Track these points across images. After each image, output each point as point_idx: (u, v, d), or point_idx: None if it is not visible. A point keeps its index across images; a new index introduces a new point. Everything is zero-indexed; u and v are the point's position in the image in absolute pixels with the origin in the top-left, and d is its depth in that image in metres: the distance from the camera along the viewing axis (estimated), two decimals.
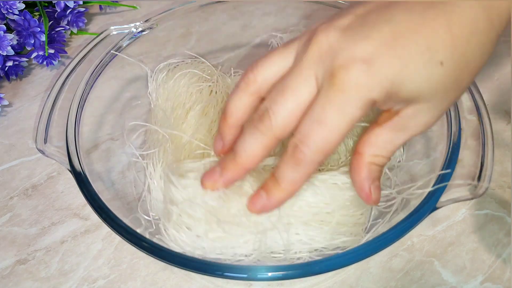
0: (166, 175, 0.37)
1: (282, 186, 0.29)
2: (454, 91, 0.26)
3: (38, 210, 0.45)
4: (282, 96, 0.26)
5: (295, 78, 0.26)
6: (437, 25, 0.24)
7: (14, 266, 0.41)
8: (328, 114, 0.25)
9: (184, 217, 0.35)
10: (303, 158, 0.26)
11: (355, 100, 0.24)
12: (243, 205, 0.33)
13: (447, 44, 0.24)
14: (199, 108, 0.45)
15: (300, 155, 0.26)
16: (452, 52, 0.24)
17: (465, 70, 0.25)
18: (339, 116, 0.25)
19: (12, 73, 0.54)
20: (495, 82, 0.53)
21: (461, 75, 0.25)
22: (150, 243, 0.34)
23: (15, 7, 0.51)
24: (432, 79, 0.24)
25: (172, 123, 0.43)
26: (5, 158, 0.49)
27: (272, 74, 0.28)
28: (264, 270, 0.32)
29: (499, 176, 0.45)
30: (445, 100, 0.26)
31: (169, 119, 0.44)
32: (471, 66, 0.25)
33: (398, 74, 0.24)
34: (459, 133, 0.39)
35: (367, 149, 0.29)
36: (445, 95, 0.25)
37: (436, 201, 0.35)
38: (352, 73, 0.24)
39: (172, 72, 0.48)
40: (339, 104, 0.24)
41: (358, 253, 0.33)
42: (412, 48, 0.24)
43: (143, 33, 0.50)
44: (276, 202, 0.30)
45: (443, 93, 0.25)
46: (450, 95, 0.26)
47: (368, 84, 0.24)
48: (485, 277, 0.39)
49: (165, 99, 0.46)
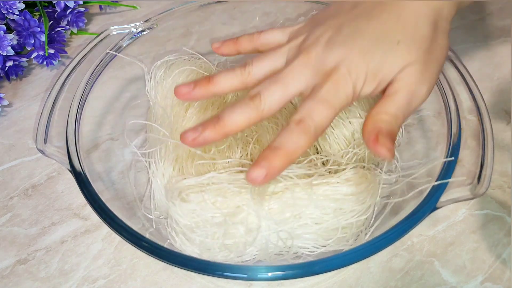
0: (169, 197, 0.38)
1: (283, 151, 0.31)
2: (416, 54, 0.33)
3: (38, 210, 0.45)
4: (275, 86, 0.33)
5: (286, 74, 0.33)
6: (390, 22, 0.33)
7: (14, 266, 0.41)
8: (328, 96, 0.32)
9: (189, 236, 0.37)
10: (308, 129, 0.31)
11: (345, 90, 0.32)
12: (247, 227, 0.36)
13: (399, 30, 0.33)
14: (198, 104, 0.45)
15: (305, 126, 0.31)
16: (404, 33, 0.33)
17: (418, 41, 0.33)
18: (335, 99, 0.32)
19: (12, 73, 0.54)
20: (495, 82, 0.53)
21: (415, 44, 0.33)
22: (150, 243, 0.34)
23: (15, 7, 0.51)
24: (396, 54, 0.33)
25: (172, 120, 0.44)
26: (5, 158, 0.49)
27: (263, 72, 0.36)
28: (264, 270, 0.32)
29: (499, 176, 0.45)
30: (417, 62, 0.33)
31: (168, 116, 0.44)
32: (421, 38, 0.33)
33: (371, 63, 0.33)
34: (459, 133, 0.39)
35: (371, 112, 0.33)
36: (411, 59, 0.33)
37: (436, 201, 0.35)
38: (340, 72, 0.32)
39: (169, 69, 0.48)
40: (335, 91, 0.32)
41: (358, 253, 0.33)
42: (376, 42, 0.33)
43: (143, 33, 0.50)
44: (277, 169, 0.31)
45: (410, 59, 0.33)
46: (414, 57, 0.33)
47: (350, 78, 0.32)
48: (485, 277, 0.39)
49: (164, 96, 0.46)
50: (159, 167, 0.41)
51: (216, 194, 0.37)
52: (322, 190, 0.37)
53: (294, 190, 0.37)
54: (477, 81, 0.42)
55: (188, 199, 0.37)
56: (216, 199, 0.37)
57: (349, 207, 0.37)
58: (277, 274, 0.32)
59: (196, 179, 0.38)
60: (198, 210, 0.36)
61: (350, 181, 0.38)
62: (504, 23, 0.60)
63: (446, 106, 0.41)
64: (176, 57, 0.49)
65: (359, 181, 0.38)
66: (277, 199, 0.37)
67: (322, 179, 0.38)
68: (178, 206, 0.37)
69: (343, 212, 0.37)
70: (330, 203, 0.37)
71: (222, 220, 0.36)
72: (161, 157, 0.42)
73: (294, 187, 0.37)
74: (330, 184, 0.38)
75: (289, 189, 0.37)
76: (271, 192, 0.37)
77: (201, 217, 0.36)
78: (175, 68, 0.47)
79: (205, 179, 0.38)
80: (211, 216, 0.36)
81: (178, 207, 0.37)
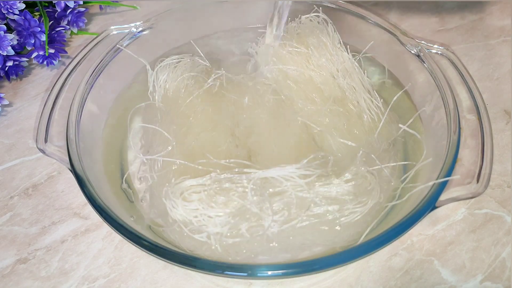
0: (171, 196, 0.38)
1: None
2: None
3: (38, 209, 0.45)
4: None
5: None
6: None
7: (14, 265, 0.41)
8: None
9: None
10: None
11: None
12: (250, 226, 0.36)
13: None
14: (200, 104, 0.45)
15: None
16: None
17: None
18: None
19: (12, 73, 0.54)
20: (495, 82, 0.53)
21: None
22: (150, 241, 0.34)
23: (16, 7, 0.51)
24: None
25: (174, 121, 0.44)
26: (6, 158, 0.49)
27: None
28: (264, 269, 0.32)
29: (499, 175, 0.45)
30: None
31: (171, 117, 0.44)
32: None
33: None
34: (459, 132, 0.39)
35: None
36: None
37: (436, 200, 0.35)
38: None
39: (172, 71, 0.48)
40: None
41: (357, 251, 0.33)
42: None
43: (143, 33, 0.50)
44: None
45: None
46: None
47: None
48: (484, 276, 0.39)
49: (166, 98, 0.46)
50: (161, 167, 0.41)
51: (217, 193, 0.37)
52: (323, 190, 0.37)
53: (295, 189, 0.37)
54: (477, 81, 0.42)
55: (189, 198, 0.37)
56: (217, 198, 0.37)
57: (349, 207, 0.37)
58: (277, 273, 0.32)
59: (198, 179, 0.38)
60: (200, 209, 0.36)
61: (350, 181, 0.38)
62: (504, 23, 0.60)
63: (446, 105, 0.41)
64: (179, 60, 0.49)
65: (359, 181, 0.38)
66: (278, 199, 0.37)
67: (323, 179, 0.38)
68: (180, 205, 0.37)
69: (344, 211, 0.37)
70: (330, 203, 0.37)
71: (223, 219, 0.36)
72: (163, 159, 0.42)
73: (296, 187, 0.37)
74: (331, 184, 0.38)
75: (290, 189, 0.37)
76: (272, 191, 0.37)
77: (202, 216, 0.36)
78: (177, 70, 0.48)
79: (206, 179, 0.38)
80: (213, 215, 0.36)
81: (179, 206, 0.37)
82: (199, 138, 0.43)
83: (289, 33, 0.50)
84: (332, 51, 0.48)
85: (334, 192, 0.38)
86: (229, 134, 0.44)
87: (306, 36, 0.49)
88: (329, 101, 0.45)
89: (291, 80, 0.48)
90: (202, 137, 0.43)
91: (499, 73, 0.54)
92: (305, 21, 0.50)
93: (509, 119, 0.50)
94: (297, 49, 0.49)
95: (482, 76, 0.54)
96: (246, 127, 0.45)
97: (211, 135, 0.43)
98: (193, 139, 0.43)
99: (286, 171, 0.37)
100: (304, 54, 0.48)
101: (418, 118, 0.45)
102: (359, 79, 0.47)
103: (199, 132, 0.43)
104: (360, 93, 0.46)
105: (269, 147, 0.43)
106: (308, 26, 0.50)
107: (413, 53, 0.47)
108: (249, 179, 0.37)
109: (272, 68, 0.49)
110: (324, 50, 0.48)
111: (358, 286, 0.39)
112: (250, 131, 0.45)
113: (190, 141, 0.43)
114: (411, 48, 0.47)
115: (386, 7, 0.63)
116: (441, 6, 0.63)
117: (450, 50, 0.48)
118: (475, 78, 0.42)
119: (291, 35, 0.50)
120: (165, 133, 0.42)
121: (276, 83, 0.48)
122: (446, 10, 0.62)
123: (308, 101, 0.46)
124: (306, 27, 0.50)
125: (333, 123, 0.45)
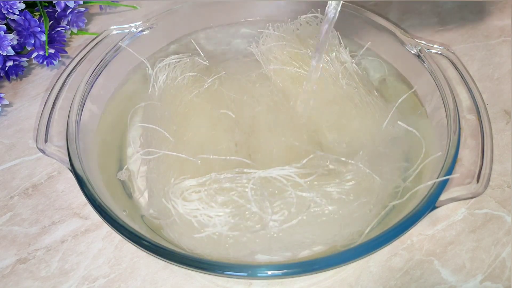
0: (171, 196, 0.38)
1: None
2: None
3: (38, 209, 0.45)
4: None
5: None
6: None
7: (14, 265, 0.41)
8: None
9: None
10: None
11: None
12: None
13: None
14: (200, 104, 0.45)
15: None
16: None
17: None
18: None
19: (12, 73, 0.54)
20: (495, 82, 0.53)
21: None
22: (150, 241, 0.34)
23: (16, 7, 0.51)
24: None
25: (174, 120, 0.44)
26: (6, 158, 0.49)
27: None
28: (264, 269, 0.32)
29: (499, 175, 0.45)
30: None
31: (170, 117, 0.44)
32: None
33: None
34: (459, 132, 0.39)
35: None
36: None
37: (436, 200, 0.35)
38: None
39: (172, 71, 0.48)
40: None
41: (357, 251, 0.33)
42: None
43: (143, 33, 0.50)
44: None
45: None
46: None
47: None
48: (484, 276, 0.39)
49: (166, 98, 0.46)
50: (161, 167, 0.41)
51: (217, 193, 0.37)
52: (324, 190, 0.37)
53: (295, 189, 0.37)
54: (477, 81, 0.42)
55: (190, 198, 0.37)
56: (217, 198, 0.37)
57: (349, 207, 0.37)
58: (277, 273, 0.32)
59: (198, 179, 0.38)
60: (200, 209, 0.36)
61: (351, 181, 0.38)
62: (504, 23, 0.60)
63: (446, 105, 0.41)
64: (178, 59, 0.49)
65: (360, 181, 0.38)
66: (278, 198, 0.37)
67: (324, 179, 0.38)
68: (180, 205, 0.37)
69: (344, 211, 0.37)
70: (330, 203, 0.37)
71: (223, 219, 0.36)
72: (162, 159, 0.42)
73: (296, 186, 0.37)
74: (332, 184, 0.38)
75: (290, 188, 0.37)
76: (272, 191, 0.37)
77: (203, 216, 0.36)
78: (177, 69, 0.48)
79: (206, 179, 0.38)
80: (213, 215, 0.36)
81: (179, 206, 0.37)
82: (198, 137, 0.43)
83: (288, 34, 0.50)
84: (332, 51, 0.48)
85: (334, 191, 0.38)
86: (228, 133, 0.45)
87: (306, 36, 0.49)
88: (329, 100, 0.45)
89: (291, 80, 0.48)
90: (202, 136, 0.43)
91: (499, 73, 0.54)
92: (305, 21, 0.50)
93: (509, 119, 0.50)
94: (297, 49, 0.49)
95: (482, 76, 0.54)
96: (246, 126, 0.45)
97: (211, 134, 0.43)
98: (192, 138, 0.43)
99: (286, 171, 0.37)
100: (304, 54, 0.49)
101: (421, 117, 0.45)
102: (359, 79, 0.47)
103: (199, 131, 0.43)
104: (360, 92, 0.46)
105: (269, 146, 0.43)
106: (308, 27, 0.50)
107: (413, 53, 0.47)
108: (249, 178, 0.37)
109: (272, 68, 0.49)
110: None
111: (358, 286, 0.39)
112: (250, 130, 0.45)
113: (189, 140, 0.43)
114: (411, 48, 0.47)
115: (386, 7, 0.63)
116: (441, 6, 0.63)
117: (450, 50, 0.48)
118: (475, 78, 0.43)
119: (290, 35, 0.50)
120: (165, 132, 0.42)
121: (276, 82, 0.48)
122: (446, 10, 0.62)
123: (308, 100, 0.46)
124: (306, 27, 0.50)
125: (333, 123, 0.45)
